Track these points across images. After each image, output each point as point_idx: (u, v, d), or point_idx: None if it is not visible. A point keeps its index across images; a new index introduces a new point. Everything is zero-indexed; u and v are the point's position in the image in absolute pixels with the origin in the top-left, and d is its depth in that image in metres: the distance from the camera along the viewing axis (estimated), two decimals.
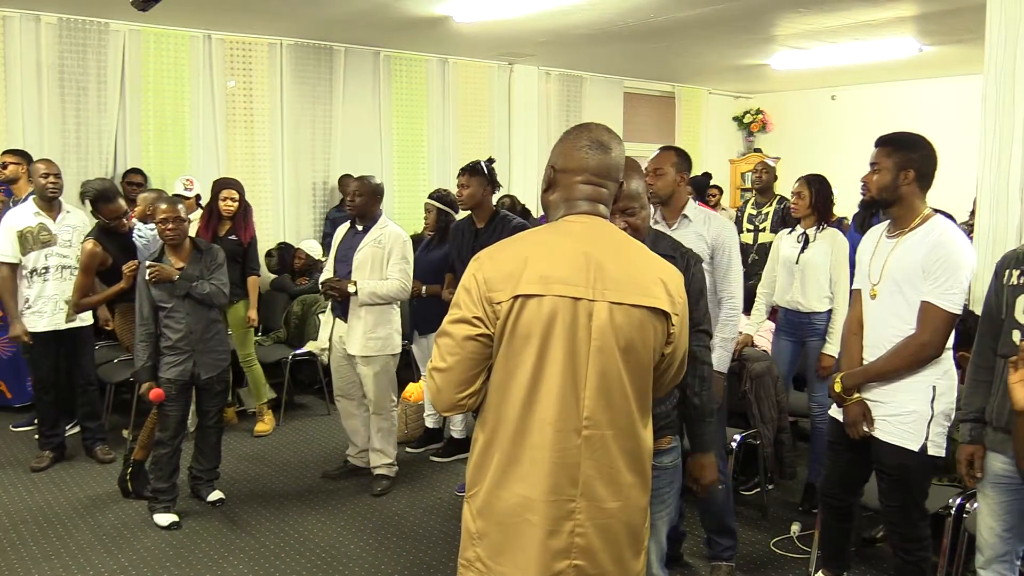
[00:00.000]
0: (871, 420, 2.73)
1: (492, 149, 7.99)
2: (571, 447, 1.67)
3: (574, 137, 1.81)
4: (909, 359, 2.63)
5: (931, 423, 2.63)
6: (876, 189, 2.73)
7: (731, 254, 3.27)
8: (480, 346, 1.69)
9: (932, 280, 2.58)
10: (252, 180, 6.80)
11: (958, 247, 2.59)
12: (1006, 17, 3.76)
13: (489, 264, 1.71)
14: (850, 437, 2.79)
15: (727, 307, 3.28)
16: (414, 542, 3.82)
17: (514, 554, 1.70)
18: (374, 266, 4.23)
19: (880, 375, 2.70)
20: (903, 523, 2.74)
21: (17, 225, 4.50)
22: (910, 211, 2.69)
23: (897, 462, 2.67)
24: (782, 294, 4.16)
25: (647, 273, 1.73)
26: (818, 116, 9.69)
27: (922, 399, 2.64)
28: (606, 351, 1.67)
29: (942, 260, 2.57)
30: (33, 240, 4.50)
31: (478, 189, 4.24)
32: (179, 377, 3.89)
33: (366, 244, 4.25)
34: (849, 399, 2.77)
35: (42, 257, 4.53)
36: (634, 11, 5.80)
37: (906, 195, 2.67)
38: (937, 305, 2.57)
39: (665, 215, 3.33)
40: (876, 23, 6.18)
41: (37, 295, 4.51)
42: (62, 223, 4.61)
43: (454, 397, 1.73)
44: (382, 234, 4.28)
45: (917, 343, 2.61)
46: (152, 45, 6.39)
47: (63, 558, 3.60)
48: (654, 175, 3.23)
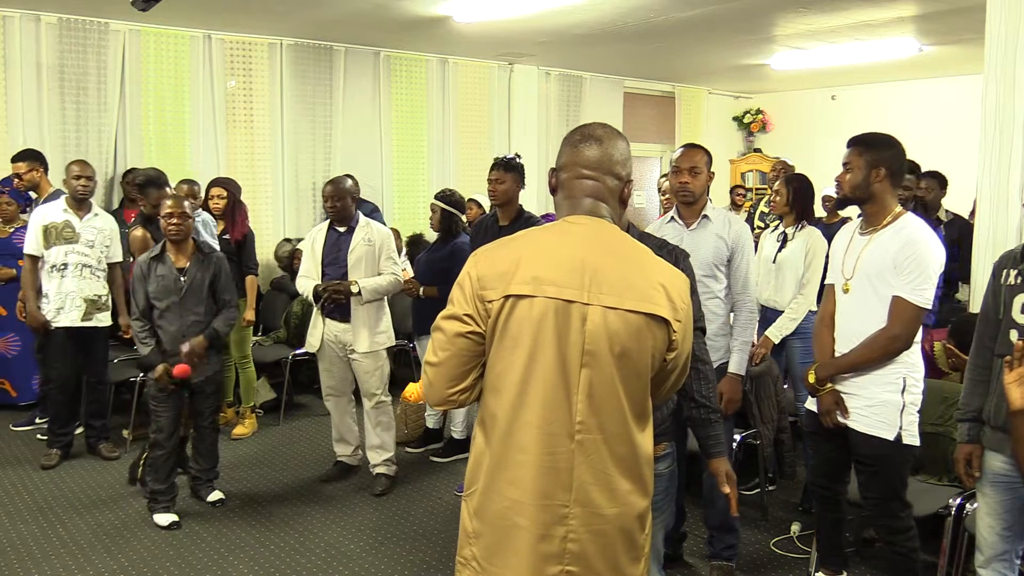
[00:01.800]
0: (844, 409, 2.80)
1: (492, 149, 7.99)
2: (562, 451, 1.65)
3: (570, 135, 1.82)
4: (880, 351, 2.71)
5: (903, 412, 2.71)
6: (849, 188, 2.81)
7: (750, 258, 3.28)
8: (471, 343, 1.69)
9: (903, 275, 2.66)
10: (252, 180, 6.80)
11: (928, 244, 2.68)
12: (1006, 17, 3.76)
13: (484, 262, 1.70)
14: (826, 427, 2.86)
15: (745, 311, 3.27)
16: (414, 542, 3.82)
17: (506, 556, 1.69)
18: (368, 264, 4.26)
19: (852, 367, 2.78)
20: (886, 515, 2.81)
21: (44, 220, 4.59)
22: (882, 208, 2.77)
23: (874, 452, 2.74)
24: (760, 292, 4.18)
25: (647, 278, 1.69)
26: (818, 116, 9.69)
27: (893, 389, 2.72)
28: (599, 355, 1.64)
29: (912, 256, 2.65)
30: (56, 235, 4.56)
31: (512, 185, 4.19)
32: None
33: (356, 244, 4.26)
34: (822, 389, 2.85)
35: (62, 253, 4.58)
36: (634, 11, 5.81)
37: (878, 192, 2.76)
38: (908, 300, 2.65)
39: (684, 214, 3.28)
40: (876, 23, 6.18)
41: (56, 291, 4.57)
42: (88, 223, 4.65)
43: (445, 392, 1.73)
44: (369, 232, 4.31)
45: (888, 336, 2.69)
46: (152, 45, 6.39)
47: (63, 558, 3.60)
48: (690, 174, 3.19)
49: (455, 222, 4.80)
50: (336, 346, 4.33)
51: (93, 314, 4.66)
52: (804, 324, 4.03)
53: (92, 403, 4.83)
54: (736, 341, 3.26)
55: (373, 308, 4.29)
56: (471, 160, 8.05)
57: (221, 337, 4.03)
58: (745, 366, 3.30)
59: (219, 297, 4.01)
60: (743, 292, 3.26)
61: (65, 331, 4.60)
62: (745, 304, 3.27)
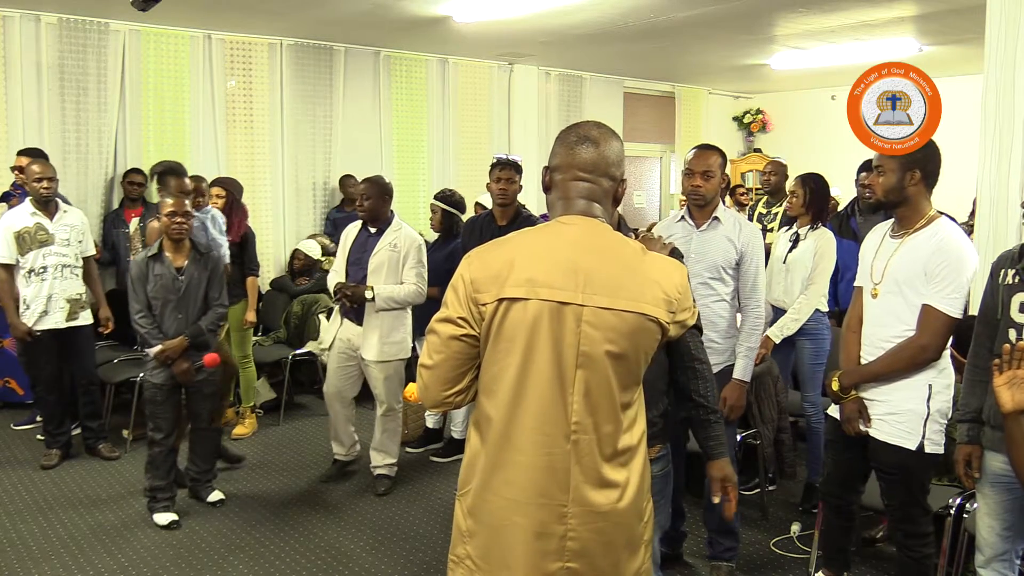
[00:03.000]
0: (867, 417, 2.73)
1: (492, 149, 7.99)
2: (558, 452, 1.66)
3: (564, 135, 1.80)
4: (907, 361, 2.63)
5: (927, 421, 2.63)
6: (882, 191, 2.71)
7: (759, 263, 3.22)
8: (465, 346, 1.69)
9: (934, 283, 2.57)
10: (252, 180, 6.79)
11: (962, 250, 2.58)
12: (1006, 17, 3.76)
13: (478, 264, 1.70)
14: (847, 435, 2.79)
15: (752, 316, 3.21)
16: (414, 542, 3.81)
17: (503, 554, 1.70)
18: (390, 270, 4.16)
19: (878, 375, 2.70)
20: (905, 520, 2.75)
21: (14, 226, 4.50)
22: (916, 212, 2.68)
23: (895, 461, 2.68)
24: (771, 292, 4.17)
25: (641, 277, 1.69)
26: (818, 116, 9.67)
27: (918, 398, 2.64)
28: (594, 356, 1.65)
29: (944, 263, 2.56)
30: (31, 240, 4.50)
31: (518, 186, 4.19)
32: (165, 382, 3.87)
33: (381, 248, 4.17)
34: (846, 397, 2.77)
35: (40, 256, 4.51)
36: (634, 11, 5.80)
37: (912, 195, 2.66)
38: (938, 309, 2.57)
39: (695, 215, 3.23)
40: (876, 23, 6.18)
41: (35, 294, 4.51)
42: (59, 222, 4.60)
43: (440, 395, 1.73)
44: (397, 237, 4.20)
45: (916, 345, 2.61)
46: (152, 45, 6.39)
47: (63, 557, 3.60)
48: (702, 177, 3.13)
49: (455, 222, 4.79)
50: (347, 347, 4.30)
51: (77, 313, 4.62)
52: (814, 325, 4.00)
53: (87, 404, 4.79)
54: (742, 347, 3.20)
55: (389, 316, 4.20)
56: (471, 160, 8.05)
57: (203, 334, 3.94)
58: (750, 373, 3.25)
59: (208, 295, 3.98)
60: (751, 296, 3.20)
61: (50, 333, 4.55)
62: (752, 309, 3.22)
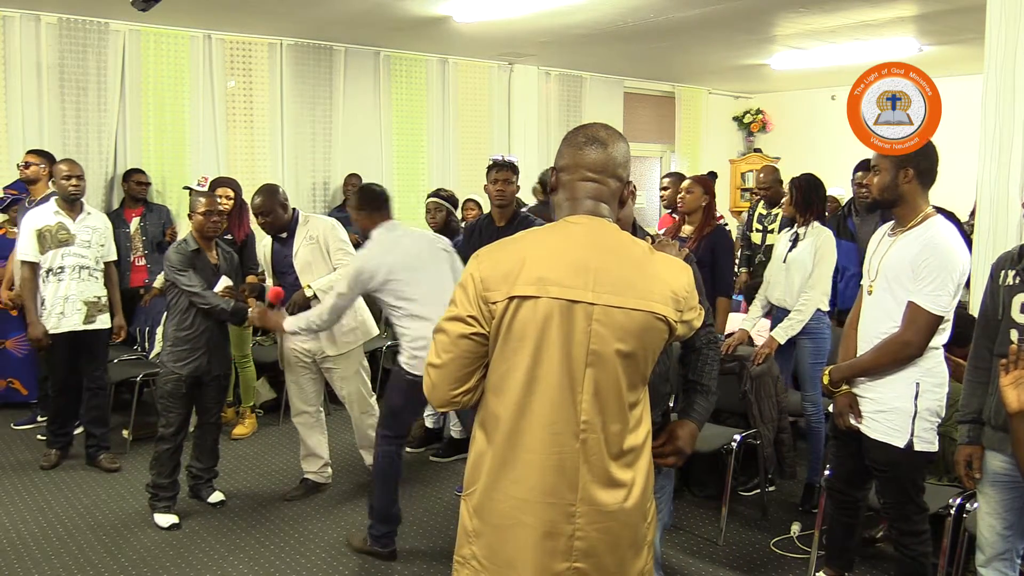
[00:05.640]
0: (858, 412, 2.77)
1: (492, 149, 8.00)
2: (568, 451, 1.66)
3: (572, 135, 1.81)
4: (891, 356, 2.66)
5: (915, 419, 2.65)
6: (877, 190, 2.74)
7: None
8: (474, 345, 1.69)
9: (919, 280, 2.59)
10: (252, 180, 6.75)
11: (950, 249, 2.59)
12: (1006, 17, 3.76)
13: (487, 263, 1.70)
14: (839, 428, 2.84)
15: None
16: (414, 542, 3.81)
17: (510, 554, 1.70)
18: (317, 263, 4.11)
19: (865, 371, 2.75)
20: (900, 518, 2.78)
21: (37, 224, 4.45)
22: (912, 210, 2.69)
23: (885, 458, 2.71)
24: (772, 292, 4.18)
25: (649, 275, 1.70)
26: (818, 116, 9.68)
27: (905, 396, 2.66)
28: (604, 354, 1.65)
29: (931, 261, 2.57)
30: (51, 239, 4.44)
31: (516, 187, 4.19)
32: (193, 372, 3.92)
33: (299, 246, 4.13)
34: (837, 391, 2.82)
35: (59, 256, 4.45)
36: (634, 11, 5.81)
37: (907, 193, 2.68)
38: (921, 306, 2.58)
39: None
40: (876, 23, 6.19)
41: (52, 295, 4.44)
42: (82, 223, 4.53)
43: (448, 394, 1.73)
44: (310, 229, 4.15)
45: (899, 341, 2.63)
46: (152, 45, 6.39)
47: (63, 558, 3.60)
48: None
49: (452, 220, 4.83)
50: (304, 357, 4.19)
51: (95, 316, 4.55)
52: (814, 324, 4.00)
53: (92, 409, 4.69)
54: None
55: None
56: (471, 160, 8.05)
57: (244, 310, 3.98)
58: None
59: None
60: None
61: (66, 335, 4.48)
62: None
